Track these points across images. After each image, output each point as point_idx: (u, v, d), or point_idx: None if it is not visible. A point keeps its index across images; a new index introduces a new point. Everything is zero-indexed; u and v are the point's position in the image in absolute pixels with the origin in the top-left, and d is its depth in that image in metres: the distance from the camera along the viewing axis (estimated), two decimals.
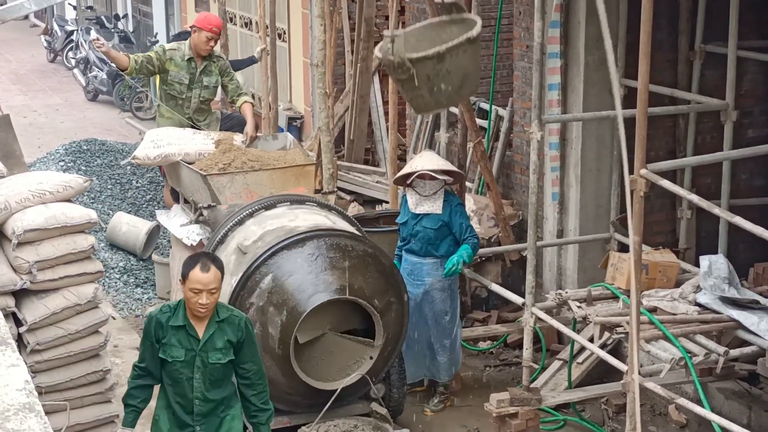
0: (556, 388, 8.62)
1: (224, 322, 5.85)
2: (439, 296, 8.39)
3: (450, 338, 8.43)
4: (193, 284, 5.67)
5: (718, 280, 7.45)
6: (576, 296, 7.83)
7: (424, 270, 8.39)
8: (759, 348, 7.08)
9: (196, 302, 5.68)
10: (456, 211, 8.30)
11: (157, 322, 5.82)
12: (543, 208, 9.74)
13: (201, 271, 5.67)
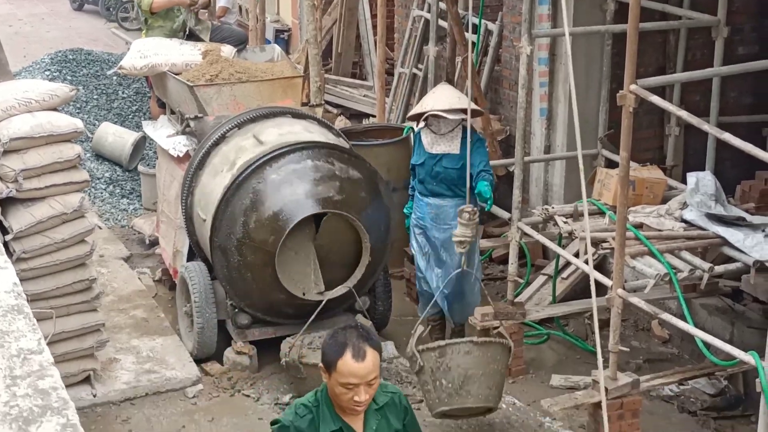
0: (541, 303, 8.68)
1: (384, 408, 4.19)
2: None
3: (469, 284, 7.93)
4: (346, 378, 3.97)
5: (705, 196, 7.46)
6: (562, 212, 7.84)
7: (451, 213, 7.75)
8: (743, 265, 7.11)
9: (350, 399, 4.00)
10: (474, 149, 7.56)
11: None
12: (531, 123, 9.71)
13: (355, 360, 3.96)
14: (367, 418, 4.11)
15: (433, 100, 7.80)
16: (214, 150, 8.19)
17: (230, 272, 7.76)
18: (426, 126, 7.88)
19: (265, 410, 7.42)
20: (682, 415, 7.49)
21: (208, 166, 8.14)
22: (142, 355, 8.06)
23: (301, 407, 4.12)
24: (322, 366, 4.04)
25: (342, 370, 3.95)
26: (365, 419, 4.11)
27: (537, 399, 7.26)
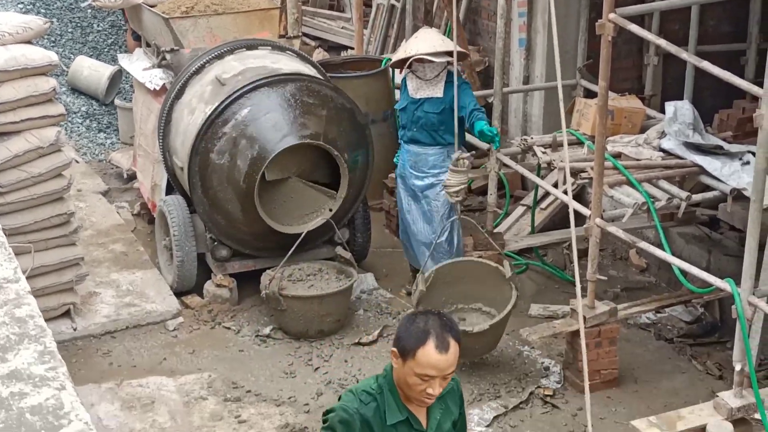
0: (519, 233, 8.71)
1: (446, 396, 3.92)
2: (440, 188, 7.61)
3: (450, 235, 7.72)
4: (423, 369, 3.66)
5: (683, 125, 7.47)
6: (541, 142, 7.84)
7: (429, 161, 7.66)
8: (721, 193, 7.15)
9: (422, 391, 3.71)
10: (461, 91, 7.46)
11: (362, 420, 3.77)
12: (509, 54, 9.67)
13: (438, 351, 3.65)
14: (431, 408, 3.84)
15: (416, 45, 7.63)
16: (191, 82, 8.12)
17: (209, 205, 7.74)
18: (411, 72, 7.68)
19: (246, 342, 7.46)
20: (658, 342, 7.56)
21: (185, 99, 8.08)
22: (122, 289, 8.07)
23: (363, 394, 3.78)
24: (395, 351, 3.70)
25: (421, 360, 3.63)
26: (429, 409, 3.84)
27: (516, 328, 7.31)
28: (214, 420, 6.57)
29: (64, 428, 3.26)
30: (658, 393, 6.90)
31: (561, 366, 7.08)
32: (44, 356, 3.55)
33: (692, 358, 7.34)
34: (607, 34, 6.23)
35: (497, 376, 6.98)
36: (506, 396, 6.80)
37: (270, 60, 8.08)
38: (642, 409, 6.59)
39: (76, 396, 3.41)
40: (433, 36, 7.72)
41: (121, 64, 10.00)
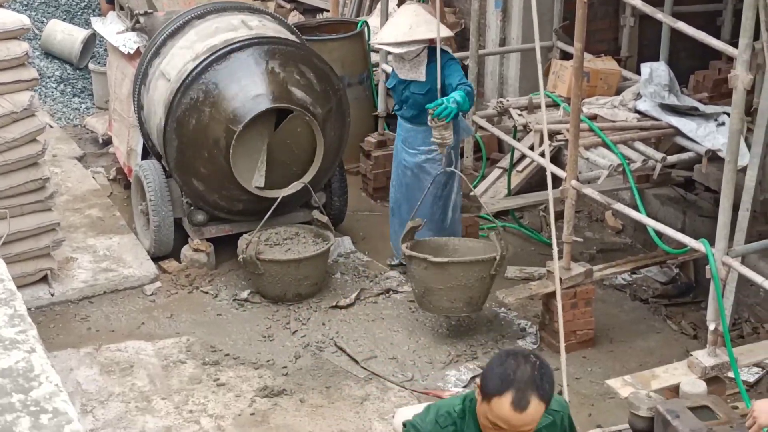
0: (496, 196, 8.73)
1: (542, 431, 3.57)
2: (433, 165, 7.42)
3: (445, 214, 7.59)
4: (496, 419, 3.37)
5: (659, 87, 7.49)
6: (517, 104, 7.84)
7: (419, 138, 7.44)
8: (696, 154, 7.18)
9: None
10: (445, 69, 7.21)
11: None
12: (486, 16, 9.64)
13: (513, 408, 3.33)
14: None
15: (384, 30, 7.44)
16: (166, 46, 8.07)
17: (185, 170, 7.72)
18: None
19: (224, 306, 7.47)
20: (634, 302, 7.62)
21: (160, 62, 8.03)
22: (99, 254, 8.05)
23: (444, 416, 3.54)
24: (478, 384, 3.43)
25: (494, 409, 3.34)
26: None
27: (492, 290, 7.34)
28: (193, 383, 6.59)
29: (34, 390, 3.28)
30: (633, 353, 6.97)
31: (537, 327, 7.13)
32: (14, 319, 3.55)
33: (667, 318, 7.41)
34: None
35: (474, 338, 7.03)
36: (483, 357, 6.84)
37: (242, 23, 8.02)
38: (617, 369, 6.66)
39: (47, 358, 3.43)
40: (403, 21, 7.31)
41: (95, 28, 9.91)
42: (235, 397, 6.47)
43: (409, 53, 7.24)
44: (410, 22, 7.27)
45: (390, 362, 6.81)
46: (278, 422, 6.25)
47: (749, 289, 7.05)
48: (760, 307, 7.17)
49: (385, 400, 6.45)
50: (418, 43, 7.21)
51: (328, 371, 6.74)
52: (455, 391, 6.45)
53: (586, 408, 6.39)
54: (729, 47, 5.68)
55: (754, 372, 6.65)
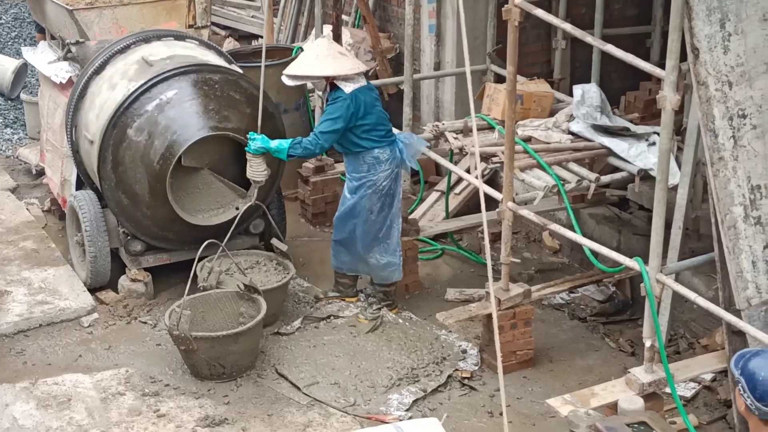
0: (434, 219, 8.78)
1: None
2: (365, 193, 7.39)
3: (379, 238, 7.51)
4: None
5: (591, 108, 7.60)
6: (452, 127, 7.91)
7: (350, 165, 7.43)
8: (629, 174, 7.29)
9: None
10: (326, 110, 7.29)
11: None
12: (420, 40, 9.72)
13: None
14: None
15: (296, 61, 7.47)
16: (98, 75, 8.01)
17: (121, 200, 7.66)
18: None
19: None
20: (572, 321, 7.70)
21: (93, 92, 7.98)
22: (34, 287, 7.95)
23: None
24: None
25: None
26: None
27: (433, 313, 7.38)
28: (133, 415, 6.52)
29: None
30: (572, 371, 7.03)
31: (478, 348, 7.16)
32: None
33: (605, 336, 7.49)
34: (513, 20, 6.30)
35: (415, 361, 7.03)
36: (425, 380, 6.86)
37: (176, 51, 8.00)
38: (557, 388, 6.71)
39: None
40: (309, 54, 7.34)
41: (26, 58, 9.82)
42: (175, 427, 6.41)
43: (317, 84, 7.44)
44: (314, 57, 7.29)
45: (332, 388, 6.80)
46: None
47: (684, 306, 7.16)
48: (695, 323, 7.28)
49: (327, 426, 6.43)
50: (310, 79, 7.36)
51: (269, 398, 6.71)
52: (398, 416, 6.45)
53: (528, 428, 6.43)
54: (656, 69, 5.78)
55: (691, 387, 6.74)
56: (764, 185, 5.59)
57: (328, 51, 7.34)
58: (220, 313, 7.22)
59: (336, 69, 7.25)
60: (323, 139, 7.22)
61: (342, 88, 7.25)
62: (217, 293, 7.30)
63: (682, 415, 5.99)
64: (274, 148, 7.25)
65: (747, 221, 5.58)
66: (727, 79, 5.47)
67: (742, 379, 3.90)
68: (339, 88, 7.26)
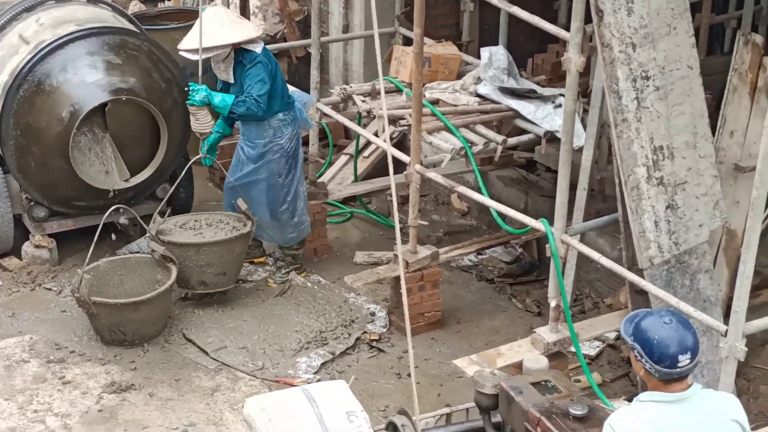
0: (343, 182, 8.76)
1: None
2: (271, 158, 7.34)
3: (288, 200, 7.48)
4: None
5: (498, 71, 7.62)
6: (360, 90, 7.88)
7: (253, 132, 7.33)
8: (536, 136, 7.34)
9: None
10: (247, 74, 7.14)
11: None
12: (328, 2, 9.65)
13: None
14: None
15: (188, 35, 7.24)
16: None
17: (23, 165, 7.50)
18: None
19: (68, 303, 7.28)
20: (480, 283, 7.76)
21: None
22: None
23: None
24: None
25: None
26: None
27: (341, 276, 7.39)
28: (38, 382, 6.42)
29: None
30: (479, 332, 7.10)
31: (386, 311, 7.19)
32: None
33: (512, 296, 7.57)
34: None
35: (324, 324, 7.04)
36: (333, 343, 6.87)
37: (79, 13, 7.85)
38: (465, 348, 6.77)
39: None
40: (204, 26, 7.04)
41: None
42: (81, 394, 6.33)
43: (218, 55, 7.15)
44: (208, 27, 7.09)
45: (240, 352, 6.77)
46: (127, 418, 6.14)
47: (589, 266, 7.26)
48: (600, 283, 7.39)
49: (235, 390, 6.41)
50: (215, 50, 7.08)
51: (177, 363, 6.66)
52: (306, 379, 6.45)
53: (435, 388, 6.48)
54: (561, 31, 5.82)
55: (595, 345, 6.86)
56: (666, 146, 5.68)
57: (229, 18, 7.24)
58: (138, 278, 7.13)
59: (246, 33, 7.17)
60: (262, 102, 7.11)
61: (253, 50, 7.18)
62: (136, 258, 7.23)
63: (586, 374, 6.09)
64: (217, 102, 7.06)
65: (650, 182, 5.66)
66: (630, 40, 5.53)
67: (637, 345, 3.93)
68: (249, 51, 7.17)
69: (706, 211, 5.78)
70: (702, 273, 5.82)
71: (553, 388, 4.94)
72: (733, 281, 5.11)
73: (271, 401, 5.27)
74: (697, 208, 5.74)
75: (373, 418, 5.86)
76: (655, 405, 3.96)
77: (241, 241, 7.19)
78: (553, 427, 4.56)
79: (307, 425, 5.04)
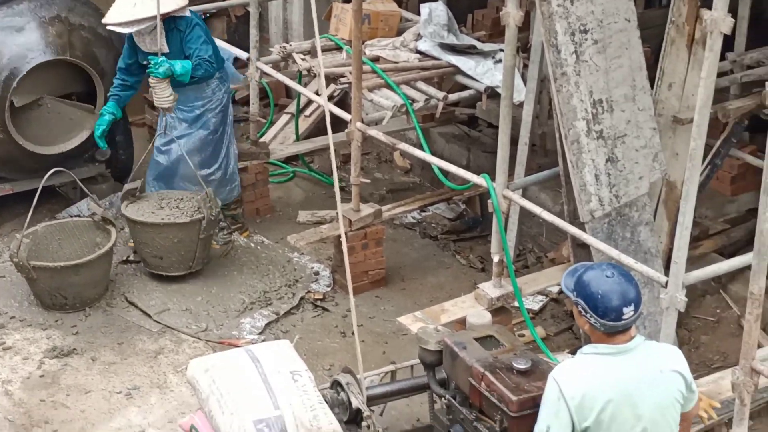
0: (285, 142, 8.70)
1: None
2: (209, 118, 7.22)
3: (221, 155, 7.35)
4: None
5: (438, 27, 7.58)
6: (300, 49, 7.80)
7: (190, 96, 7.13)
8: (476, 92, 7.32)
9: None
10: (188, 39, 6.96)
11: None
12: None
13: None
14: None
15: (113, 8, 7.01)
16: None
17: None
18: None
19: (7, 268, 7.16)
20: (424, 240, 7.77)
21: None
22: None
23: None
24: None
25: None
26: None
27: (285, 236, 7.35)
28: None
29: None
30: (424, 289, 7.12)
31: (330, 270, 7.17)
32: None
33: (456, 253, 7.59)
34: None
35: (267, 284, 7.01)
36: (277, 303, 6.85)
37: None
38: (409, 306, 6.78)
39: None
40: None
41: None
42: (22, 360, 6.27)
43: (146, 27, 6.91)
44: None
45: (183, 314, 6.73)
46: (69, 382, 6.09)
47: (532, 221, 7.30)
48: (543, 238, 7.43)
49: (179, 352, 6.38)
50: (145, 21, 6.85)
51: (119, 327, 6.61)
52: (250, 339, 6.43)
53: (380, 346, 6.50)
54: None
55: (539, 300, 6.90)
56: (606, 99, 5.69)
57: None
58: (77, 241, 7.04)
59: (177, 1, 7.01)
60: (214, 61, 7.00)
61: (184, 15, 7.04)
62: (74, 221, 7.14)
63: (530, 328, 6.13)
64: (179, 71, 6.83)
65: (590, 135, 5.67)
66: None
67: (580, 301, 3.95)
68: (180, 17, 7.00)
69: (646, 164, 5.81)
70: (642, 225, 5.86)
71: (497, 343, 4.97)
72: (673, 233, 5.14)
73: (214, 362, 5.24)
74: (636, 160, 5.77)
75: (318, 377, 5.88)
76: (599, 357, 4.00)
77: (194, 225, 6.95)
78: (497, 381, 4.59)
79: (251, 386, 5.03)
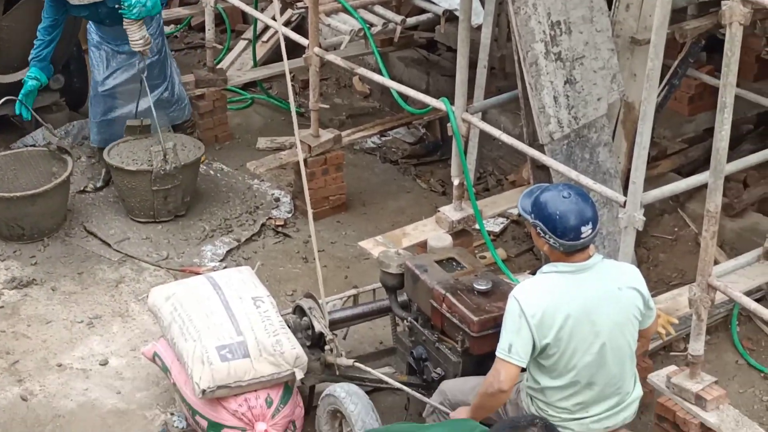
0: (243, 68, 8.61)
1: None
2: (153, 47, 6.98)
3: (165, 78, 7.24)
4: None
5: None
6: None
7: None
8: (435, 15, 7.28)
9: None
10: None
11: None
12: None
13: None
14: None
15: None
16: None
17: None
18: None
19: None
20: (384, 164, 7.76)
21: None
22: None
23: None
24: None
25: None
26: None
27: (244, 163, 7.31)
28: None
29: None
30: (385, 213, 7.12)
31: (291, 196, 7.16)
32: None
33: (416, 177, 7.59)
34: None
35: (228, 212, 6.99)
36: (238, 230, 6.83)
37: None
38: (370, 230, 6.78)
39: None
40: None
41: None
42: None
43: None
44: None
45: (144, 243, 6.70)
46: (29, 313, 6.06)
47: (492, 144, 7.30)
48: (503, 160, 7.44)
49: (140, 280, 6.36)
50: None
51: (79, 257, 6.57)
52: (212, 266, 6.42)
53: (342, 270, 6.51)
54: None
55: (499, 222, 6.93)
56: (564, 21, 5.66)
57: None
58: (33, 171, 6.95)
59: None
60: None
61: None
62: (29, 151, 7.06)
63: (491, 250, 6.16)
64: (150, 5, 6.66)
65: (548, 57, 5.65)
66: None
67: (539, 222, 3.98)
68: None
69: (604, 85, 5.81)
70: (601, 146, 5.88)
71: (458, 265, 5.00)
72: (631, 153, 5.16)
73: (176, 290, 5.26)
74: (595, 82, 5.76)
75: (281, 302, 5.90)
76: (558, 275, 4.05)
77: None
78: (458, 302, 4.63)
79: (213, 312, 5.04)
